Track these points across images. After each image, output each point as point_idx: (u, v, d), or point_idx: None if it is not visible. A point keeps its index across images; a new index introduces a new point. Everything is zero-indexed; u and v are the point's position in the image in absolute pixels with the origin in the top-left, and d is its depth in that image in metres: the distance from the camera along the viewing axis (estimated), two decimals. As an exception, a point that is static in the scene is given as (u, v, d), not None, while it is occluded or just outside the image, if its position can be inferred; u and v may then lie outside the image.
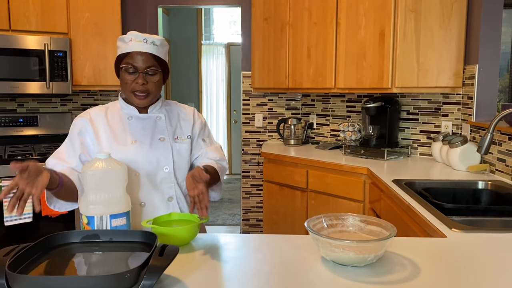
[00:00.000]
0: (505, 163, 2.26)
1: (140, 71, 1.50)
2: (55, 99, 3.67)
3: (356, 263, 1.09)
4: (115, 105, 1.64)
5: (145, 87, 1.51)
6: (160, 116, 1.62)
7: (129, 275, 0.89)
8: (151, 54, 1.51)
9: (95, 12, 3.39)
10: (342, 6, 2.99)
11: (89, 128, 1.56)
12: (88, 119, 1.58)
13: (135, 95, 1.53)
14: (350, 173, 2.70)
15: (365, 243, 1.08)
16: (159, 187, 1.56)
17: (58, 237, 1.12)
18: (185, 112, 1.71)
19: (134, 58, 1.49)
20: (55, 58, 3.21)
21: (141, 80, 1.50)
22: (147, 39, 1.50)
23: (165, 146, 1.57)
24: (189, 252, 1.22)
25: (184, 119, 1.68)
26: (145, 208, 1.54)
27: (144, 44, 1.49)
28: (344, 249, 1.07)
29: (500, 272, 1.10)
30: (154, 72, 1.52)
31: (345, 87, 3.02)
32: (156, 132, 1.59)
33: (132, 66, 1.49)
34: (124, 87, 1.54)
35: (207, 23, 6.97)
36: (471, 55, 2.66)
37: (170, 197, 1.57)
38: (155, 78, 1.53)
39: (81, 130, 1.57)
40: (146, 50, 1.50)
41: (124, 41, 1.52)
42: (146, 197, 1.54)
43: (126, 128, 1.57)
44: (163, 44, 1.56)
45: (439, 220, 1.52)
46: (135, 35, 1.50)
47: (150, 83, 1.52)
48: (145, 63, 1.50)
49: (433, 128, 2.96)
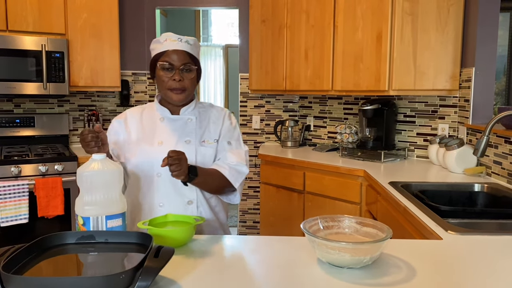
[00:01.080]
0: (501, 166, 2.27)
1: (176, 68, 1.54)
2: (52, 100, 3.66)
3: (351, 265, 1.09)
4: (151, 106, 1.69)
5: (181, 84, 1.56)
6: (191, 118, 1.63)
7: (124, 276, 0.88)
8: (186, 52, 1.56)
9: (92, 13, 3.38)
10: (339, 8, 2.99)
11: (123, 128, 1.65)
12: (123, 119, 1.67)
13: (171, 91, 1.56)
14: (347, 175, 2.70)
15: (361, 245, 1.09)
16: (179, 189, 1.56)
17: (53, 238, 1.12)
18: (217, 114, 1.70)
19: (170, 56, 1.54)
20: (52, 59, 3.20)
21: (178, 76, 1.54)
22: (182, 38, 1.56)
23: (189, 149, 1.57)
24: (185, 254, 1.22)
25: (214, 122, 1.67)
26: (163, 209, 1.55)
27: (179, 42, 1.55)
28: (340, 251, 1.07)
29: (496, 274, 1.10)
30: (190, 68, 1.57)
31: (342, 89, 3.02)
32: (183, 134, 1.61)
33: (168, 63, 1.54)
34: (160, 85, 1.58)
35: (205, 25, 6.97)
36: (468, 58, 2.67)
37: (190, 200, 1.58)
38: (190, 75, 1.58)
39: (116, 131, 1.66)
40: (181, 48, 1.55)
41: (159, 41, 1.58)
42: (165, 198, 1.56)
43: (156, 129, 1.61)
44: (196, 44, 1.61)
45: (435, 223, 1.53)
46: (170, 35, 1.56)
47: (186, 80, 1.56)
48: (180, 60, 1.54)
49: (430, 131, 2.96)
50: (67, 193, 2.97)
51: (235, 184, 1.58)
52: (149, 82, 3.99)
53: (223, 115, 1.70)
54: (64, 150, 3.32)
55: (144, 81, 3.98)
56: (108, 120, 3.87)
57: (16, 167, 2.90)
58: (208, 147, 1.62)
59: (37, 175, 2.96)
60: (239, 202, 1.67)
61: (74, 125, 3.75)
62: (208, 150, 1.61)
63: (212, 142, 1.63)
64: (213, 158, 1.63)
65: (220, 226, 1.68)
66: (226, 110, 1.73)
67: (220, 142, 1.65)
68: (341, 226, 1.26)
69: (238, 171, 1.60)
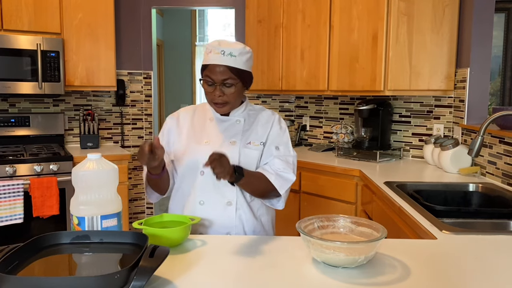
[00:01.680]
0: (496, 166, 2.28)
1: (217, 84, 1.54)
2: (48, 100, 3.65)
3: (346, 264, 1.10)
4: (203, 106, 1.72)
5: (222, 99, 1.56)
6: (240, 120, 1.65)
7: (119, 276, 0.88)
8: (227, 67, 1.53)
9: (88, 13, 3.37)
10: (335, 8, 3.00)
11: (175, 125, 1.69)
12: (176, 118, 1.71)
13: (214, 104, 1.59)
14: (343, 175, 2.71)
15: (356, 245, 1.09)
16: (220, 189, 1.57)
17: (48, 237, 1.11)
18: (266, 117, 1.69)
19: (211, 71, 1.54)
20: (48, 58, 3.19)
21: (218, 92, 1.54)
22: (225, 51, 1.52)
23: (234, 150, 1.58)
24: (180, 253, 1.22)
25: (262, 125, 1.66)
26: (203, 207, 1.58)
27: (221, 56, 1.52)
28: (335, 251, 1.07)
29: (490, 273, 1.11)
30: (230, 84, 1.55)
31: (338, 89, 3.03)
32: (230, 135, 1.62)
33: (210, 79, 1.54)
34: (206, 96, 1.61)
35: (201, 25, 6.97)
36: (463, 59, 2.68)
37: (229, 201, 1.58)
38: (231, 90, 1.56)
39: (169, 129, 1.69)
40: (223, 62, 1.52)
41: (207, 51, 1.57)
42: (206, 196, 1.58)
43: (205, 128, 1.65)
44: (242, 53, 1.55)
45: (430, 222, 1.53)
46: (215, 47, 1.53)
47: (227, 95, 1.56)
48: (221, 75, 1.53)
49: (425, 131, 2.97)
50: (63, 193, 2.97)
51: (281, 191, 1.57)
52: (145, 81, 3.99)
53: (272, 119, 1.69)
54: (59, 149, 3.31)
55: (140, 81, 3.98)
56: (104, 120, 3.87)
57: (11, 167, 2.89)
58: (253, 149, 1.61)
59: (32, 175, 2.95)
60: (282, 208, 1.67)
61: (70, 125, 3.73)
62: (253, 152, 1.61)
63: (258, 144, 1.62)
64: (257, 160, 1.62)
65: (262, 229, 1.68)
66: (276, 115, 1.72)
67: (268, 146, 1.64)
68: (336, 226, 1.26)
69: (284, 178, 1.59)
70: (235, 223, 1.59)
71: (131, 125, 3.99)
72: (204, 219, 1.57)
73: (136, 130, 4.02)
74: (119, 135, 3.94)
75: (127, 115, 3.96)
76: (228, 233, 1.58)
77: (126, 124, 3.97)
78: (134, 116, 3.99)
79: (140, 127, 4.03)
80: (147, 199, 1.67)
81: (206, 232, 1.58)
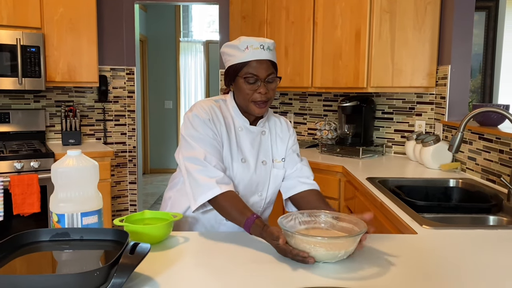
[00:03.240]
0: (475, 162, 2.32)
1: (262, 81, 1.44)
2: (28, 96, 3.59)
3: (327, 259, 1.11)
4: (227, 108, 1.55)
5: (266, 96, 1.46)
6: (265, 131, 1.58)
7: (99, 273, 0.88)
8: (270, 61, 1.46)
9: (69, 8, 3.32)
10: (319, 5, 3.01)
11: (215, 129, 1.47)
12: (211, 121, 1.47)
13: (255, 104, 1.47)
14: (326, 171, 2.73)
15: (336, 240, 1.10)
16: (249, 204, 1.51)
17: (26, 235, 1.10)
18: (281, 126, 1.64)
19: (254, 68, 1.43)
20: (28, 53, 3.14)
21: (263, 89, 1.44)
22: (264, 45, 1.44)
23: (266, 171, 1.55)
24: (162, 250, 1.22)
25: (280, 136, 1.62)
26: (228, 223, 1.48)
27: (262, 51, 1.44)
28: (315, 246, 1.08)
29: (469, 267, 1.13)
30: (273, 79, 1.47)
31: (321, 86, 3.04)
32: (260, 152, 1.55)
33: (253, 75, 1.43)
34: (242, 97, 1.47)
35: (185, 21, 6.92)
36: (444, 56, 2.72)
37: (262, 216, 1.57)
38: (273, 85, 1.48)
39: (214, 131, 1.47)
40: (265, 57, 1.44)
41: (239, 49, 1.44)
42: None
43: (237, 141, 1.52)
44: (275, 47, 1.51)
45: (411, 217, 1.56)
46: (251, 42, 1.44)
47: (270, 91, 1.46)
48: (266, 70, 1.44)
49: (407, 127, 3.01)
50: (44, 190, 2.93)
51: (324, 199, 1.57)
52: (128, 77, 3.95)
53: (287, 127, 1.66)
54: (40, 146, 3.26)
55: (123, 77, 3.94)
56: (86, 116, 3.82)
57: (-10, 164, 2.84)
58: (279, 168, 1.59)
59: (12, 172, 2.90)
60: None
61: (51, 121, 3.68)
62: (279, 172, 1.59)
63: (280, 161, 1.60)
64: (282, 178, 1.60)
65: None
66: (287, 122, 1.68)
67: (290, 155, 1.63)
68: (318, 221, 1.27)
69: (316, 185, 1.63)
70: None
71: (114, 121, 3.95)
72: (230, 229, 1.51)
73: (119, 127, 3.98)
74: (102, 131, 3.90)
75: (110, 111, 3.92)
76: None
77: (108, 121, 3.93)
78: (116, 113, 3.95)
79: (123, 123, 3.99)
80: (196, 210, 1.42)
81: None
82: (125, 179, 4.05)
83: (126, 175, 4.05)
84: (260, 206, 1.59)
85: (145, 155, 6.79)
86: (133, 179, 4.07)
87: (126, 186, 4.06)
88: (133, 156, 4.06)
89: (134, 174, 4.07)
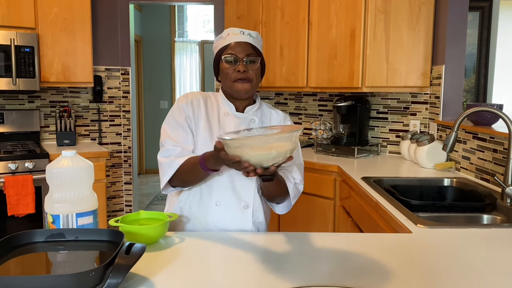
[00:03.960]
0: (470, 161, 2.33)
1: (240, 60, 1.52)
2: (22, 96, 3.57)
3: (261, 161, 1.12)
4: (214, 97, 1.64)
5: (246, 75, 1.52)
6: (254, 119, 1.60)
7: (94, 273, 0.88)
8: (249, 44, 1.54)
9: (64, 7, 3.31)
10: (314, 5, 3.02)
11: (191, 115, 1.56)
12: (191, 106, 1.57)
13: (237, 82, 1.52)
14: (322, 171, 2.74)
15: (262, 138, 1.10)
16: (237, 191, 1.53)
17: (21, 236, 1.09)
18: (277, 117, 1.67)
19: (233, 48, 1.52)
20: (22, 53, 3.13)
21: (242, 67, 1.51)
22: (244, 31, 1.55)
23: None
24: (157, 251, 1.22)
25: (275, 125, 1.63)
26: (219, 208, 1.52)
27: (242, 35, 1.54)
28: (243, 148, 1.10)
29: (463, 266, 1.14)
30: (254, 60, 1.53)
31: (317, 86, 3.05)
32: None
33: (232, 55, 1.52)
34: (225, 79, 1.54)
35: (180, 21, 6.91)
36: (438, 56, 2.73)
37: (246, 204, 1.54)
38: (254, 66, 1.54)
39: (187, 115, 1.55)
40: (244, 40, 1.54)
41: (222, 37, 1.56)
42: (222, 197, 1.53)
43: (221, 124, 1.57)
44: (259, 38, 1.59)
45: (405, 217, 1.56)
46: (232, 29, 1.56)
47: (250, 71, 1.52)
48: (244, 51, 1.52)
49: (402, 127, 3.02)
50: (39, 191, 2.92)
51: (293, 201, 1.58)
52: (123, 77, 3.94)
53: (283, 119, 1.67)
54: (35, 147, 3.25)
55: (118, 77, 3.93)
56: (81, 116, 3.81)
57: (-16, 165, 2.82)
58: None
59: (7, 173, 2.89)
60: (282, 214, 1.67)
61: (46, 122, 3.67)
62: None
63: None
64: None
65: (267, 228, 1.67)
66: (286, 115, 1.70)
67: None
68: (252, 133, 1.31)
69: (298, 190, 1.59)
70: (251, 227, 1.55)
71: (109, 122, 3.94)
72: (218, 221, 1.52)
73: (114, 127, 3.97)
74: (97, 132, 3.89)
75: (105, 111, 3.91)
76: None
77: (103, 121, 3.92)
78: (112, 113, 3.94)
79: (118, 123, 3.98)
80: (164, 190, 1.54)
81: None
82: (120, 180, 4.04)
83: (121, 175, 4.04)
84: (251, 190, 1.55)
85: (140, 156, 6.78)
86: (129, 180, 4.06)
87: (122, 187, 4.05)
88: (128, 156, 4.05)
89: (129, 174, 4.06)
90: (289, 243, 1.28)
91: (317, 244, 1.28)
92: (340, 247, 1.25)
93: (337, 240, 1.32)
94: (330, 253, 1.21)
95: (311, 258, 1.17)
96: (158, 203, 5.46)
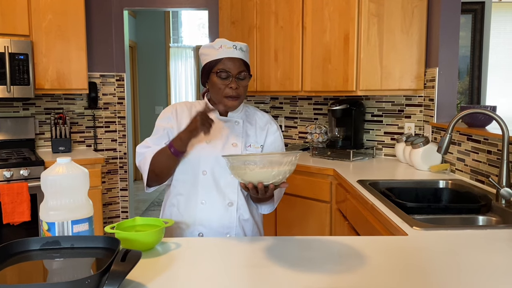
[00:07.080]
0: (464, 163, 2.34)
1: (233, 76, 1.57)
2: (17, 103, 3.56)
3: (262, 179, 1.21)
4: (200, 104, 1.70)
5: (237, 92, 1.58)
6: (238, 122, 1.66)
7: (90, 281, 0.87)
8: (241, 60, 1.59)
9: (58, 14, 3.31)
10: (307, 10, 3.03)
11: (174, 122, 1.64)
12: (174, 113, 1.66)
13: (227, 99, 1.58)
14: (317, 174, 2.74)
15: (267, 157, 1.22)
16: (222, 190, 1.59)
17: (16, 244, 1.09)
18: (263, 118, 1.72)
19: (226, 64, 1.57)
20: (16, 61, 3.12)
21: (234, 84, 1.56)
22: (236, 45, 1.59)
23: (235, 152, 1.60)
24: (154, 257, 1.21)
25: (260, 127, 1.69)
26: (205, 207, 1.58)
27: (234, 50, 1.58)
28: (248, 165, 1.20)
29: (459, 267, 1.14)
30: (245, 76, 1.59)
31: (311, 90, 3.06)
32: (231, 136, 1.63)
33: (225, 71, 1.56)
34: (216, 92, 1.60)
35: (175, 26, 6.93)
36: (432, 59, 2.75)
37: (230, 202, 1.59)
38: (245, 82, 1.60)
39: (166, 127, 1.64)
40: (237, 55, 1.58)
41: (214, 47, 1.59)
42: (207, 196, 1.58)
43: None
44: (248, 50, 1.65)
45: (401, 219, 1.57)
46: (225, 42, 1.58)
47: (241, 87, 1.59)
48: (236, 68, 1.57)
49: (397, 130, 3.03)
50: (34, 199, 2.90)
51: (276, 203, 1.65)
52: (118, 84, 3.94)
53: (266, 121, 1.72)
54: (30, 154, 3.24)
55: (113, 83, 3.92)
56: (76, 123, 3.80)
57: (-21, 173, 2.81)
58: (254, 151, 1.64)
59: (2, 181, 2.88)
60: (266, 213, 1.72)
61: (41, 129, 3.66)
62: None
63: (258, 147, 1.66)
64: None
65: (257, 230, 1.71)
66: (270, 117, 1.75)
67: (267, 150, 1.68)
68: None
69: (280, 191, 1.64)
70: (236, 224, 1.60)
71: (104, 128, 3.93)
72: (204, 219, 1.58)
73: (109, 133, 3.96)
74: (92, 138, 3.88)
75: (100, 118, 3.91)
76: (227, 234, 1.59)
77: (99, 127, 3.91)
78: (107, 119, 3.94)
79: (113, 130, 3.97)
80: (146, 189, 1.63)
81: (206, 232, 1.58)
82: (116, 186, 4.02)
83: (117, 182, 4.03)
84: (235, 188, 1.60)
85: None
86: (124, 186, 4.05)
87: (117, 193, 4.04)
88: (124, 162, 4.04)
89: (125, 180, 4.05)
90: (285, 248, 1.28)
91: (313, 247, 1.28)
92: (337, 250, 1.25)
93: (334, 243, 1.32)
94: (327, 256, 1.21)
95: (308, 262, 1.17)
96: (154, 209, 5.45)
